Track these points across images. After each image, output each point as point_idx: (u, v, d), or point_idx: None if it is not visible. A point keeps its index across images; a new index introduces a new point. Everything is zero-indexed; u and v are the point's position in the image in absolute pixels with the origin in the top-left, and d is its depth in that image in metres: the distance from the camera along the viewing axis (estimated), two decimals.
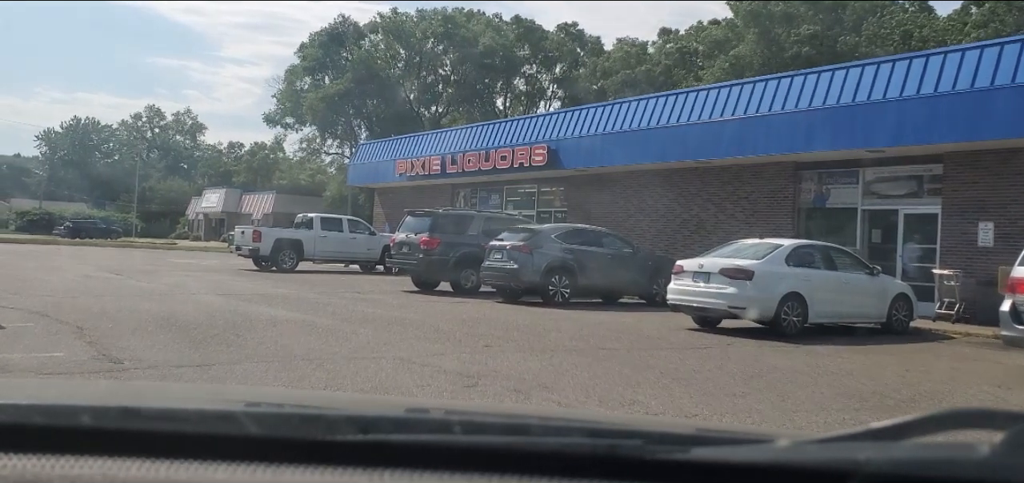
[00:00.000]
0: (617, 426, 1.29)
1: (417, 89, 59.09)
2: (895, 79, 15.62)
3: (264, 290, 16.03)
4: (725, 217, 19.75)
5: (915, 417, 0.94)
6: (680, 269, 12.40)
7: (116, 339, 8.35)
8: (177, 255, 33.70)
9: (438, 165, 27.46)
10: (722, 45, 47.33)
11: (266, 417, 1.14)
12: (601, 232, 17.30)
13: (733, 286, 11.48)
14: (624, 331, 11.25)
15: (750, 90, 18.65)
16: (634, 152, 20.93)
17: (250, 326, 9.82)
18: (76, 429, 0.99)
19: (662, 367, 8.07)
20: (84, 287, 15.33)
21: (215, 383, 6.29)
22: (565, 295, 15.59)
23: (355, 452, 0.96)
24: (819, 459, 0.93)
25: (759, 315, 11.62)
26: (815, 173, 18.16)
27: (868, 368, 8.92)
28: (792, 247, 12.28)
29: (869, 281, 12.78)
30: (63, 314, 10.17)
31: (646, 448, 0.99)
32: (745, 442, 1.07)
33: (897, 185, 16.82)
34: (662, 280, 16.61)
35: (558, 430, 1.20)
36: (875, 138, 15.69)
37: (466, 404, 4.09)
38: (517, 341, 9.59)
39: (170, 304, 12.31)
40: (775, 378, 7.82)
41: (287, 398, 2.13)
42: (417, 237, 17.85)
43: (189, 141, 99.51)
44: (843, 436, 0.97)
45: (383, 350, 8.37)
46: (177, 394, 1.86)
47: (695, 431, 1.23)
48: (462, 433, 1.06)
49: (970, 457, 0.88)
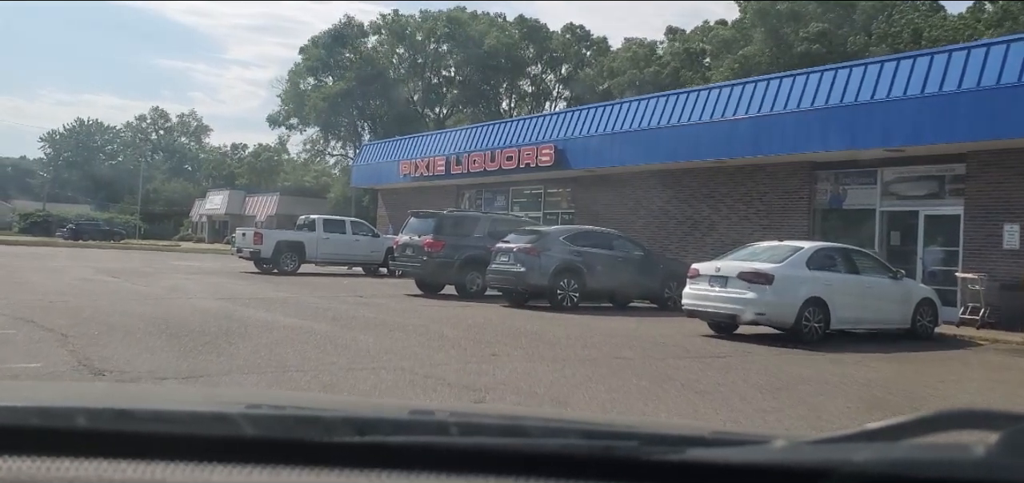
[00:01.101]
0: (613, 427, 1.29)
1: (421, 90, 58.64)
2: (916, 75, 15.07)
3: (263, 293, 15.56)
4: (738, 219, 19.22)
5: (911, 418, 0.94)
6: (696, 273, 11.87)
7: (101, 347, 7.87)
8: (178, 257, 33.29)
9: (442, 166, 26.96)
10: (730, 45, 46.83)
11: (263, 419, 1.14)
12: (611, 234, 16.78)
13: (752, 291, 10.95)
14: (637, 338, 10.73)
15: (763, 88, 18.11)
16: (643, 152, 20.41)
17: (244, 332, 9.34)
18: (72, 431, 0.99)
19: (682, 379, 7.55)
20: (78, 290, 14.88)
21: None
22: (574, 299, 15.07)
23: (353, 454, 0.96)
24: (815, 460, 0.93)
25: (779, 321, 11.09)
26: (831, 173, 17.61)
27: (899, 378, 8.39)
28: (813, 250, 11.73)
29: (892, 285, 12.24)
30: (50, 319, 9.70)
31: (642, 449, 1.00)
32: (741, 443, 1.06)
33: (917, 185, 16.25)
34: (674, 284, 16.14)
35: (554, 431, 1.19)
36: (894, 137, 15.14)
37: (463, 405, 3.94)
38: (525, 349, 9.08)
39: (164, 308, 11.84)
40: (804, 391, 7.29)
41: (284, 400, 2.12)
42: (421, 239, 17.34)
43: (194, 143, 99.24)
44: (839, 437, 0.98)
45: (383, 359, 7.87)
46: (173, 396, 1.81)
47: (691, 432, 1.20)
48: (459, 435, 1.07)
49: (966, 458, 0.88)
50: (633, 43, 54.25)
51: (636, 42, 54.21)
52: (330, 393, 6.21)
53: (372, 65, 55.93)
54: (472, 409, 2.30)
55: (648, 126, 20.45)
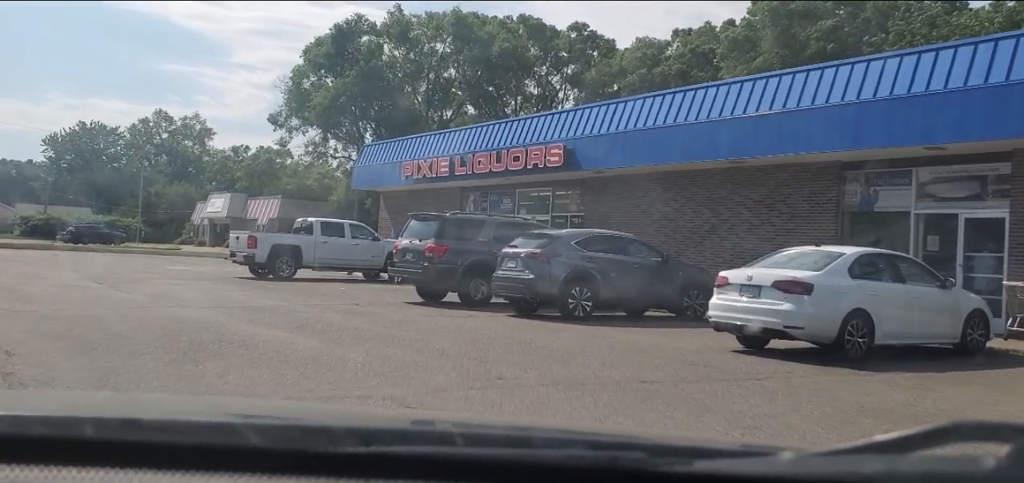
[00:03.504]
0: (619, 438, 1.28)
1: (426, 92, 57.58)
2: (957, 67, 13.88)
3: (252, 301, 14.45)
4: (758, 223, 18.04)
5: (919, 430, 0.93)
6: (724, 281, 10.68)
7: (45, 369, 6.78)
8: (175, 261, 32.24)
9: (446, 167, 25.82)
10: (740, 45, 45.70)
11: (268, 428, 1.13)
12: (626, 239, 15.60)
13: (789, 302, 9.78)
14: (662, 355, 9.57)
15: (788, 82, 16.92)
16: (658, 152, 19.24)
17: (218, 349, 8.22)
18: (78, 440, 1.00)
19: (724, 409, 6.39)
20: (53, 297, 13.82)
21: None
22: (586, 308, 13.91)
23: (357, 464, 0.97)
24: (823, 472, 0.93)
25: (819, 336, 9.91)
26: (862, 173, 16.41)
27: (972, 404, 7.23)
28: (855, 256, 10.54)
29: (941, 295, 11.05)
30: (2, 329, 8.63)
31: (648, 460, 1.00)
32: (749, 454, 1.06)
33: (957, 186, 15.04)
34: (694, 292, 15.02)
35: (559, 442, 1.18)
36: (936, 133, 13.95)
37: (467, 416, 3.84)
38: (538, 370, 7.94)
39: (139, 319, 10.74)
40: (868, 426, 6.12)
41: (288, 410, 2.08)
42: (422, 244, 16.18)
43: (198, 146, 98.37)
44: (847, 449, 0.96)
45: (372, 385, 6.73)
46: (178, 405, 1.85)
47: (698, 443, 1.16)
48: (464, 445, 1.07)
49: (976, 470, 0.87)
50: (642, 43, 53.06)
51: (646, 42, 53.01)
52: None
53: (375, 61, 54.85)
54: (477, 420, 2.26)
55: (663, 124, 19.27)
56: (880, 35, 40.35)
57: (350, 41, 56.05)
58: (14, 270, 20.82)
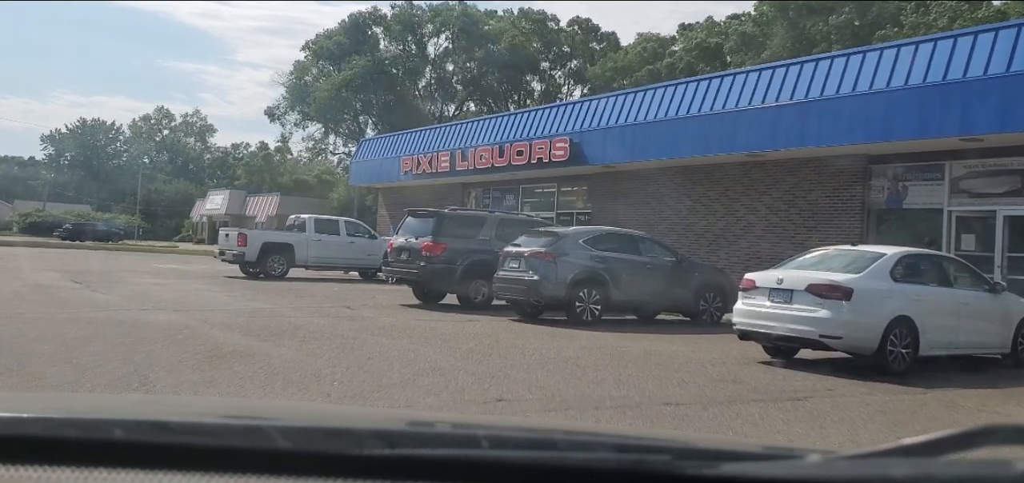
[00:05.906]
0: (644, 441, 1.25)
1: (429, 86, 56.50)
2: (999, 51, 12.77)
3: (234, 304, 13.41)
4: (777, 221, 16.96)
5: (948, 433, 0.91)
6: (751, 284, 9.59)
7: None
8: (167, 259, 31.21)
9: (447, 162, 24.74)
10: (749, 39, 44.61)
11: (294, 431, 1.12)
12: (638, 237, 14.52)
13: (825, 308, 8.70)
14: (682, 368, 8.50)
15: (811, 70, 15.81)
16: (670, 146, 18.15)
17: (178, 362, 7.18)
18: (108, 442, 1.00)
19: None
20: (18, 297, 12.81)
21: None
22: (595, 312, 12.84)
23: (382, 466, 0.96)
24: (851, 476, 0.91)
25: (859, 346, 8.83)
26: (889, 168, 15.32)
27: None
28: (897, 257, 9.44)
29: (991, 301, 9.96)
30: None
31: (674, 463, 0.98)
32: (776, 458, 1.03)
33: (994, 181, 13.93)
34: (710, 295, 13.98)
35: (585, 445, 1.17)
36: (975, 123, 12.85)
37: (492, 418, 3.71)
38: (544, 388, 6.87)
39: (103, 324, 9.70)
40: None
41: (313, 412, 2.08)
42: (418, 242, 15.11)
43: (199, 143, 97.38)
44: (875, 453, 0.94)
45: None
46: (206, 408, 1.81)
47: (725, 446, 1.15)
48: (489, 447, 1.06)
49: (1006, 474, 0.85)
50: (646, 37, 51.89)
51: (649, 36, 51.85)
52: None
53: (382, 53, 53.78)
54: (500, 422, 2.24)
55: (675, 116, 18.17)
56: (894, 30, 39.20)
57: (363, 32, 55.00)
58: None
